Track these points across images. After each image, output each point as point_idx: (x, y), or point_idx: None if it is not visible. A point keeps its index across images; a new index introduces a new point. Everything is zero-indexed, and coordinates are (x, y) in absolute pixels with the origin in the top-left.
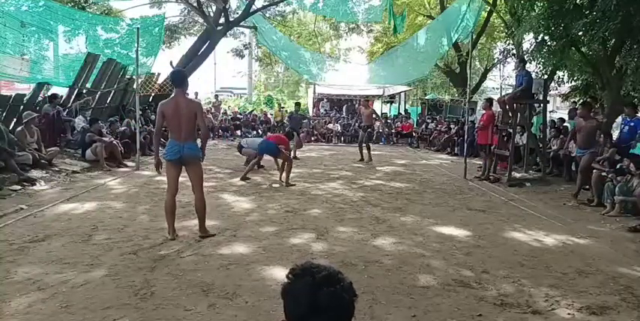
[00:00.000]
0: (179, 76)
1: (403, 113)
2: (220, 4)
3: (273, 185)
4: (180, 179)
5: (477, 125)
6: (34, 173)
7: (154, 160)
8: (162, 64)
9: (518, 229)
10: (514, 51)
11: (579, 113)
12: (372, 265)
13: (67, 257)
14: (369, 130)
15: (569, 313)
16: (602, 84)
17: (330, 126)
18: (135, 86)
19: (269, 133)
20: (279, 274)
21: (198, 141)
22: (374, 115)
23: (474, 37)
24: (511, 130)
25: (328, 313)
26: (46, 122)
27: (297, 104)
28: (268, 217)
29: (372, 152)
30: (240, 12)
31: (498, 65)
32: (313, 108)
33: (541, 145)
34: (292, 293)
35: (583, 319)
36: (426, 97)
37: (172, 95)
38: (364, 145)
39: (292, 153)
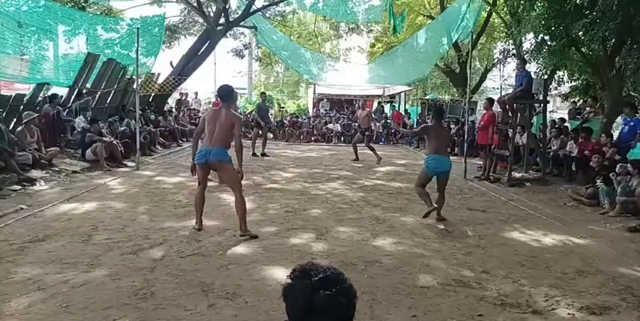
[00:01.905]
0: (224, 92)
1: (403, 113)
2: (220, 4)
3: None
4: (181, 179)
5: (477, 125)
6: (34, 173)
7: (191, 164)
8: (163, 64)
9: (518, 229)
10: (514, 51)
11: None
12: (372, 265)
13: (67, 257)
14: (367, 132)
15: (569, 313)
16: (602, 84)
17: (330, 126)
18: (135, 86)
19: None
20: (279, 274)
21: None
22: (372, 117)
23: (474, 37)
24: (511, 130)
25: (325, 316)
26: (46, 122)
27: (263, 93)
28: (268, 217)
29: (375, 152)
30: (240, 12)
31: (498, 65)
32: (313, 108)
33: (541, 145)
34: (291, 295)
35: (583, 319)
36: (426, 97)
37: (220, 107)
38: (361, 146)
39: (261, 149)
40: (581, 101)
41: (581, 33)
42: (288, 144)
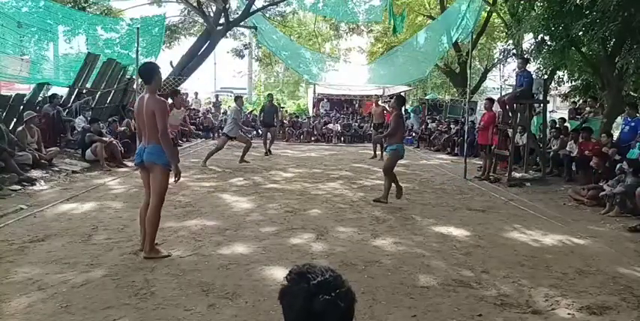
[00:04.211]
0: (144, 71)
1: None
2: (220, 4)
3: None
4: (180, 179)
5: (477, 125)
6: (34, 173)
7: None
8: (163, 64)
9: (518, 229)
10: (514, 51)
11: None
12: (372, 265)
13: (67, 257)
14: (380, 129)
15: (569, 313)
16: (602, 84)
17: (330, 126)
18: (135, 86)
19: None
20: (279, 274)
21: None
22: (385, 112)
23: (474, 37)
24: (511, 130)
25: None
26: (46, 122)
27: (270, 95)
28: (268, 217)
29: (380, 150)
30: (240, 12)
31: (498, 65)
32: (313, 108)
33: (541, 145)
34: (287, 298)
35: (583, 319)
36: (426, 97)
37: (142, 93)
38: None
39: (266, 147)
40: (581, 101)
41: (581, 33)
42: (288, 144)
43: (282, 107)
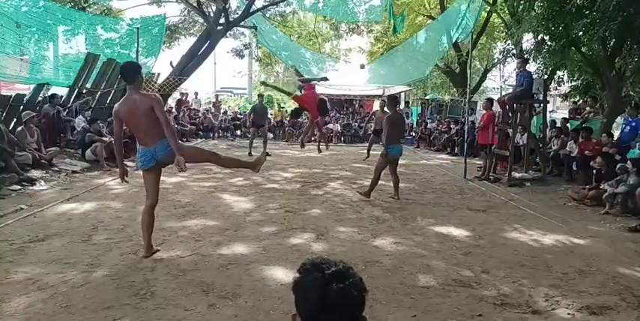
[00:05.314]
0: (128, 71)
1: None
2: (220, 4)
3: None
4: (180, 179)
5: (477, 125)
6: (34, 173)
7: (119, 169)
8: (163, 64)
9: (518, 229)
10: (514, 51)
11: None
12: (372, 265)
13: (67, 257)
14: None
15: (569, 313)
16: (602, 84)
17: (330, 126)
18: None
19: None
20: (279, 274)
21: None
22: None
23: (474, 37)
24: (511, 130)
25: (337, 309)
26: (46, 122)
27: (260, 96)
28: (268, 217)
29: (372, 152)
30: (240, 12)
31: (498, 65)
32: None
33: (541, 145)
34: (302, 288)
35: (583, 319)
36: (426, 97)
37: (126, 94)
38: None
39: (263, 149)
40: (581, 101)
41: (581, 33)
42: (288, 144)
43: (282, 107)
